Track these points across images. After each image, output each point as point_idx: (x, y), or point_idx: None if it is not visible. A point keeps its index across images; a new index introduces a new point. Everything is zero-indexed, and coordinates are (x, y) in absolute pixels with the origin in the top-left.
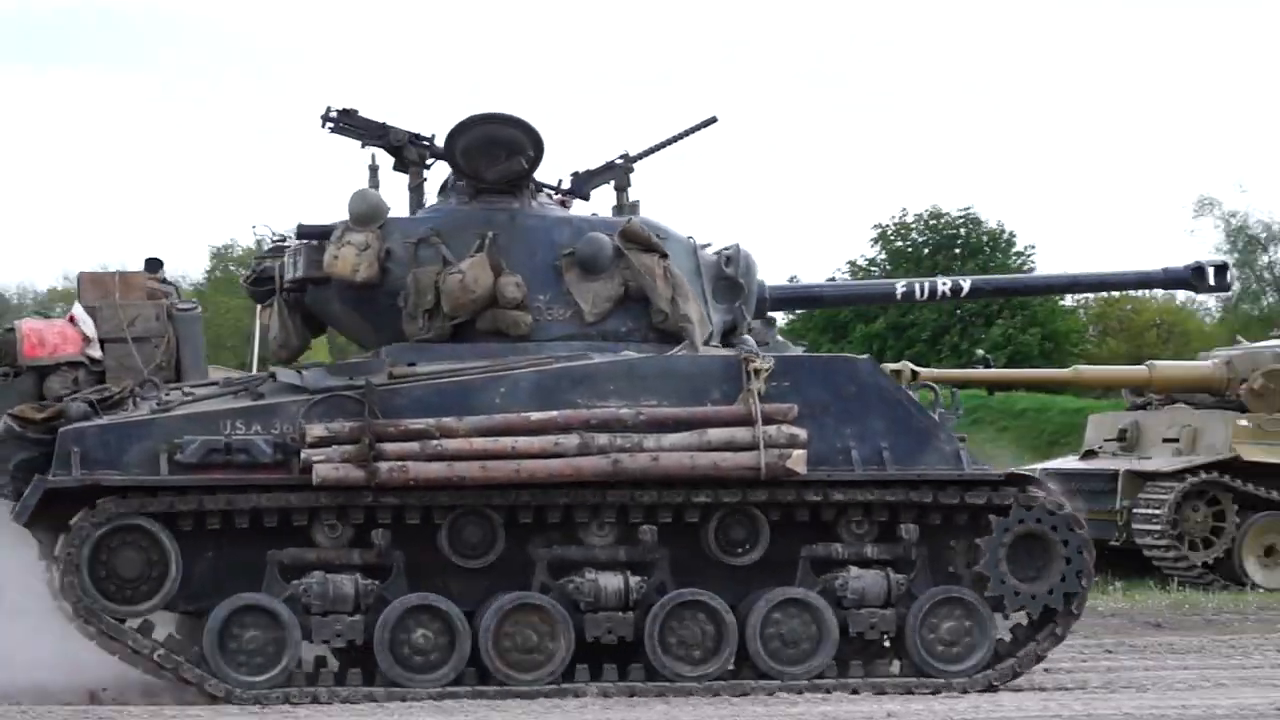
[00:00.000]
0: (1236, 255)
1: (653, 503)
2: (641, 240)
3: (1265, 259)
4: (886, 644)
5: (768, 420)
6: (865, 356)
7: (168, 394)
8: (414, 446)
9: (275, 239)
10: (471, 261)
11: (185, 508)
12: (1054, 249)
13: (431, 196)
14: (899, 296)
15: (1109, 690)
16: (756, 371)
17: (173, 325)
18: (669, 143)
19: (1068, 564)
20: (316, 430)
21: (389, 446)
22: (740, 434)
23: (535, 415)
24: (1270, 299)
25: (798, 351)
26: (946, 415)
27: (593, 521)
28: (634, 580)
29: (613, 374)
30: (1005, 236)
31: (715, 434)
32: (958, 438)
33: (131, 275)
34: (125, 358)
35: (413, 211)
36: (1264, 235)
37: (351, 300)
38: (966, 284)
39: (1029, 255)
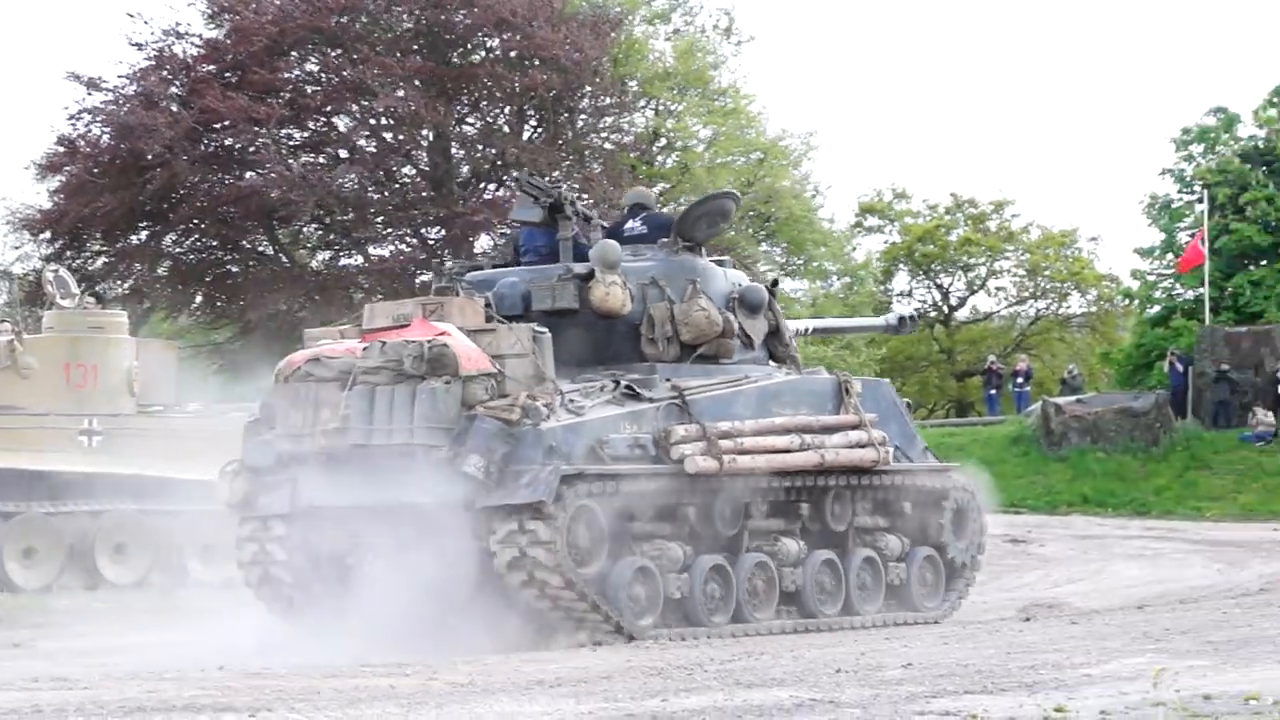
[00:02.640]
0: None
1: (821, 486)
2: (773, 290)
3: None
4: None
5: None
6: (887, 380)
7: (547, 401)
8: (729, 444)
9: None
10: (706, 302)
11: (611, 489)
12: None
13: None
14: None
15: None
16: (849, 390)
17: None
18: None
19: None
20: (679, 431)
21: (722, 444)
22: (856, 435)
23: (778, 420)
24: None
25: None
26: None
27: (787, 500)
28: (801, 544)
29: (788, 390)
30: None
31: (853, 435)
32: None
33: None
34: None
35: (567, 255)
36: None
37: (604, 328)
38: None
39: None
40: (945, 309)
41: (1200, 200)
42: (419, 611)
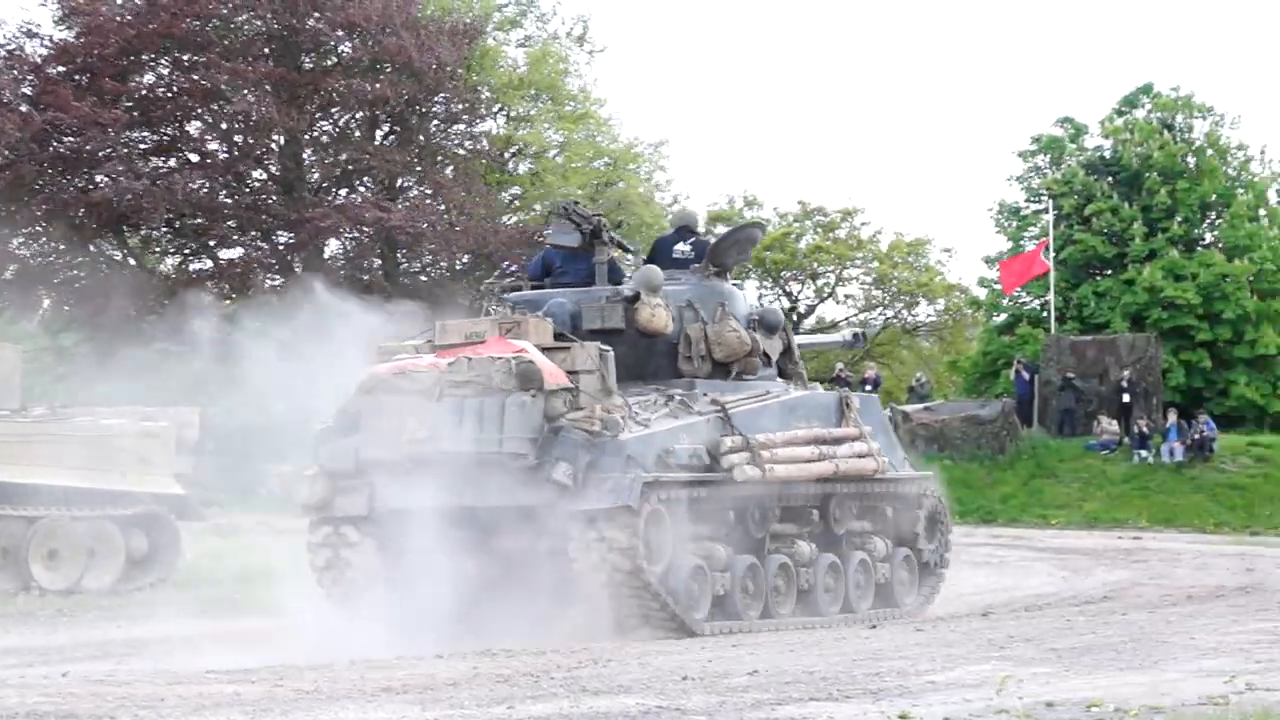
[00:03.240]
0: None
1: (829, 493)
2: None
3: None
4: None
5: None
6: (876, 396)
7: (621, 414)
8: (767, 454)
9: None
10: (735, 323)
11: (677, 495)
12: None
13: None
14: None
15: None
16: (849, 405)
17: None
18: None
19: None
20: (727, 442)
21: (762, 454)
22: (859, 446)
23: (799, 433)
24: None
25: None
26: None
27: (802, 506)
28: (812, 547)
29: (802, 404)
30: None
31: (856, 446)
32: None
33: None
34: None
35: (602, 278)
36: None
37: (645, 346)
38: None
39: None
40: (794, 317)
41: (1047, 210)
42: (498, 606)
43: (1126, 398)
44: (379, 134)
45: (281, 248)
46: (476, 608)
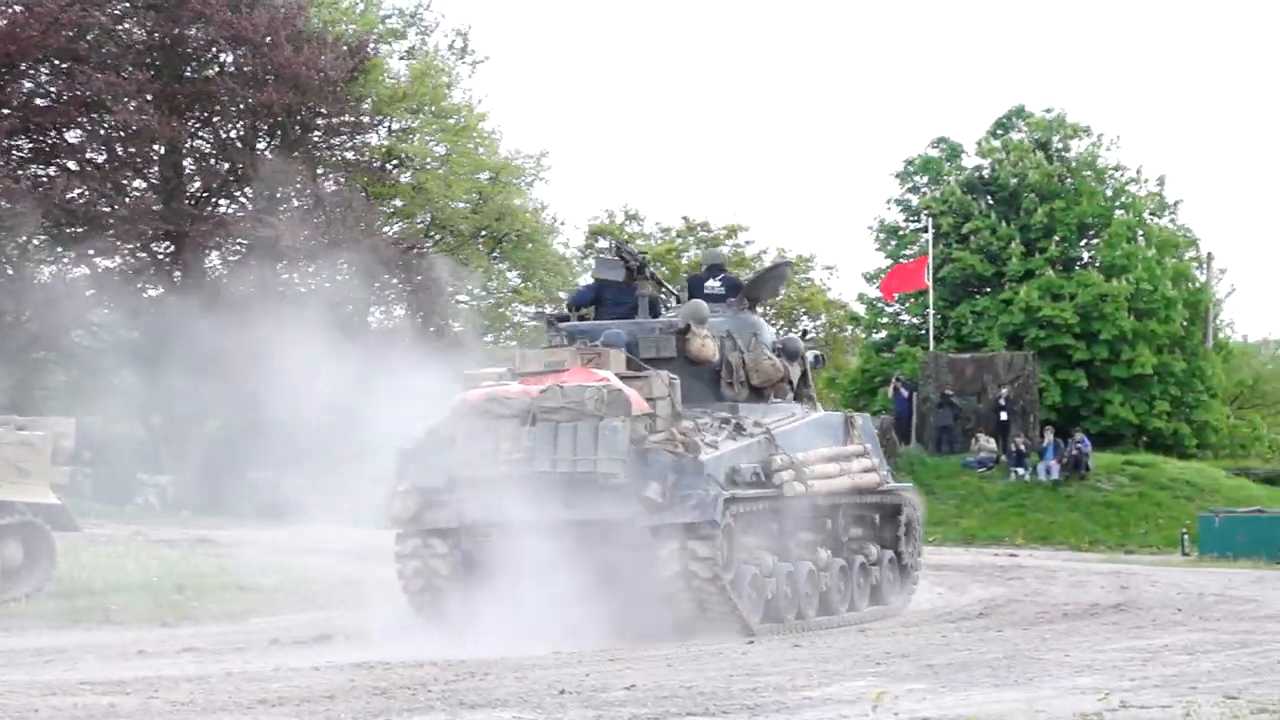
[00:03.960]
0: None
1: (839, 504)
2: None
3: None
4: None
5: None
6: (869, 415)
7: (698, 436)
8: (808, 470)
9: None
10: (768, 351)
11: (746, 510)
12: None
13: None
14: None
15: None
16: (854, 424)
17: None
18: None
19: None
20: (777, 460)
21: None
22: (864, 461)
23: (824, 450)
24: None
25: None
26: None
27: (823, 516)
28: (828, 553)
29: (821, 424)
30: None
31: (864, 461)
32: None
33: None
34: None
35: (645, 311)
36: None
37: (691, 373)
38: None
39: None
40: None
41: (926, 229)
42: (584, 609)
43: (1004, 416)
44: (260, 145)
45: (161, 257)
46: (563, 610)
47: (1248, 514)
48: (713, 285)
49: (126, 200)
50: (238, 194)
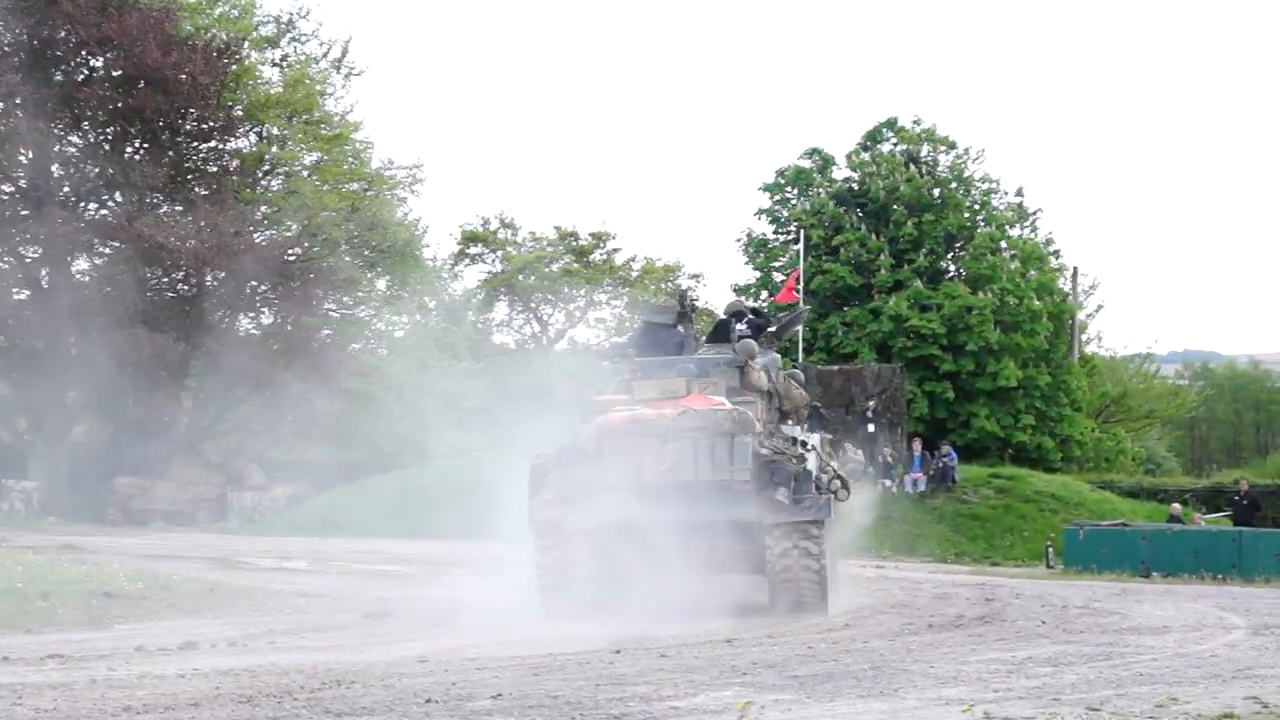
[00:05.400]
0: None
1: None
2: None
3: None
4: None
5: None
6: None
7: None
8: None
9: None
10: (799, 383)
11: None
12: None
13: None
14: None
15: None
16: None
17: None
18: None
19: None
20: (830, 469)
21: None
22: (842, 471)
23: (835, 463)
24: None
25: None
26: None
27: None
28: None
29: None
30: None
31: (842, 471)
32: None
33: None
34: None
35: (689, 349)
36: None
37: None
38: None
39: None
40: (544, 340)
41: (796, 240)
42: (710, 593)
43: (871, 427)
44: (129, 149)
45: (29, 261)
46: (692, 594)
47: (1111, 527)
48: (741, 329)
49: None
50: (106, 199)
